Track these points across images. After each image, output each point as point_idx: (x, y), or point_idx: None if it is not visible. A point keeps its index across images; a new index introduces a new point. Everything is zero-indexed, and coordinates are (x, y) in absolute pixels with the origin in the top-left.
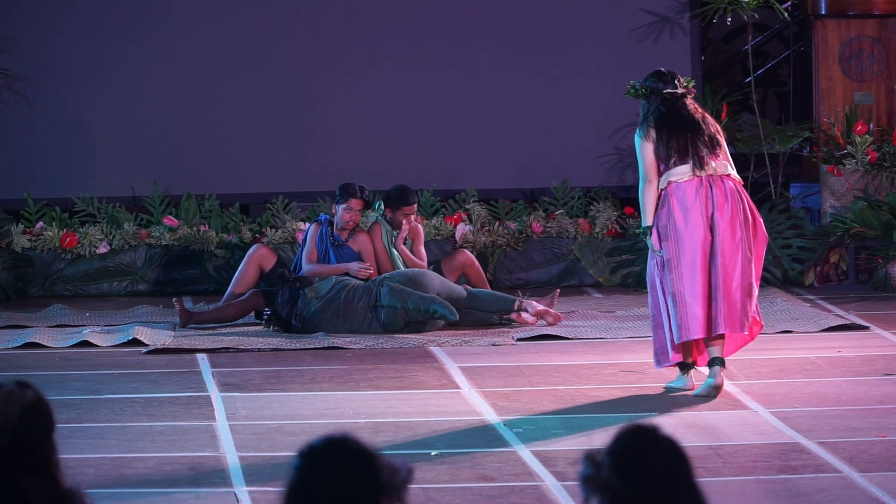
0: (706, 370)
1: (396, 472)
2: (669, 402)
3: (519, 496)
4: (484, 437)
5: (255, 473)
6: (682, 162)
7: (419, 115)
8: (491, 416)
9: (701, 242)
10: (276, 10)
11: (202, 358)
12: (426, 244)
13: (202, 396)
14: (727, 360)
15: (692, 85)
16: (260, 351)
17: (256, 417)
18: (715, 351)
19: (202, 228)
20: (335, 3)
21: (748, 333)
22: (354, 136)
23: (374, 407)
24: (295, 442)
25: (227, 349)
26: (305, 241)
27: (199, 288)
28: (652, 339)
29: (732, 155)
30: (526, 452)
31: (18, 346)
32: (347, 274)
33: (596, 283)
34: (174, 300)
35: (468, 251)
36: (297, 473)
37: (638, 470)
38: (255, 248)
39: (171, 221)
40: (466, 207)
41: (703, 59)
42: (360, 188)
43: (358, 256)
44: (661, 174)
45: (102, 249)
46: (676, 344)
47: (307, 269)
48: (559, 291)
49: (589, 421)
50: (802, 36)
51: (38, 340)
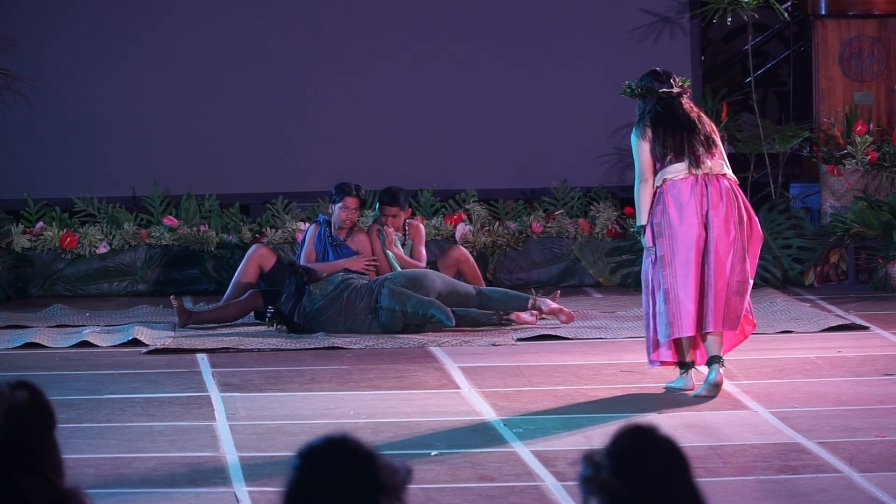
0: (706, 369)
1: (396, 472)
2: (669, 402)
3: (519, 496)
4: (484, 437)
5: (255, 473)
6: (678, 160)
7: (419, 114)
8: (491, 416)
9: (695, 240)
10: (276, 10)
11: (202, 358)
12: (427, 244)
13: (202, 396)
14: (724, 358)
15: (688, 84)
16: (260, 351)
17: (256, 417)
18: (713, 349)
19: (202, 228)
20: (335, 3)
21: (739, 332)
22: (354, 136)
23: (374, 407)
24: (295, 442)
25: (227, 349)
26: (304, 241)
27: (198, 288)
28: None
29: (732, 155)
30: (526, 452)
31: (18, 346)
32: (349, 271)
33: (596, 283)
34: (172, 298)
35: (462, 247)
36: (296, 473)
37: (637, 470)
38: (254, 247)
39: (171, 221)
40: (466, 207)
41: (703, 59)
42: (355, 187)
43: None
44: (657, 173)
45: (102, 249)
46: (663, 342)
47: None
48: (560, 292)
49: (589, 421)
50: (802, 36)
51: (38, 340)
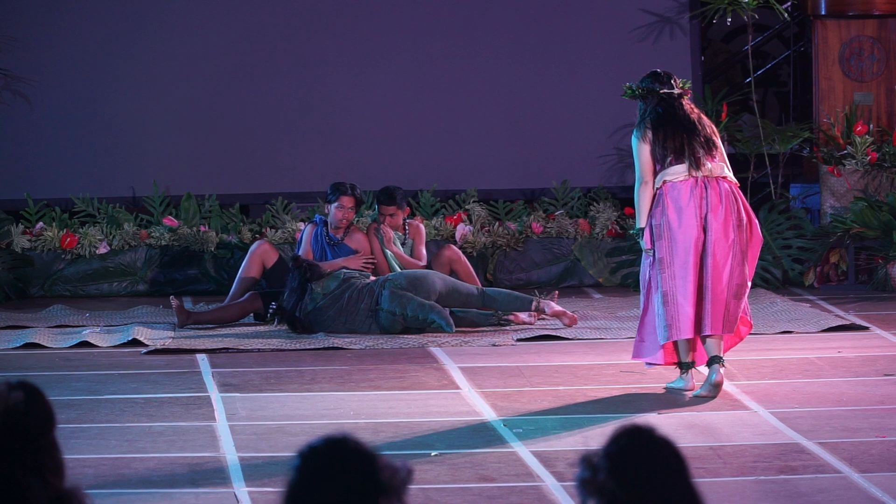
0: (706, 369)
1: (396, 472)
2: (669, 402)
3: (519, 496)
4: (484, 437)
5: (255, 473)
6: (678, 162)
7: (419, 115)
8: (491, 416)
9: (694, 242)
10: (276, 10)
11: (202, 358)
12: (426, 244)
13: (202, 397)
14: (724, 358)
15: (688, 86)
16: (260, 351)
17: (256, 417)
18: (714, 349)
19: (202, 229)
20: (335, 3)
21: (735, 334)
22: (354, 136)
23: (374, 407)
24: (295, 442)
25: (226, 349)
26: (301, 241)
27: (198, 288)
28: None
29: (732, 155)
30: (526, 452)
31: (18, 346)
32: (350, 270)
33: (596, 283)
34: (171, 298)
35: (454, 247)
36: (297, 474)
37: (634, 472)
38: (257, 244)
39: (170, 222)
40: (466, 207)
41: (703, 59)
42: (350, 186)
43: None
44: (657, 174)
45: (102, 250)
46: (661, 344)
47: None
48: (557, 293)
49: (589, 421)
50: (802, 36)
51: (38, 341)
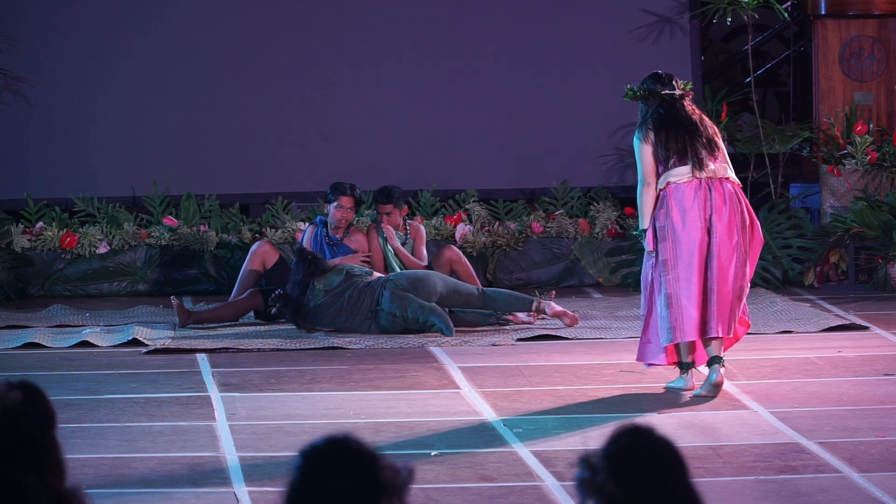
0: (706, 369)
1: (397, 472)
2: (669, 402)
3: (519, 496)
4: (484, 437)
5: (255, 473)
6: (681, 163)
7: (419, 114)
8: (491, 416)
9: (698, 244)
10: (276, 9)
11: (202, 358)
12: (426, 244)
13: (202, 396)
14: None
15: (689, 87)
16: (260, 351)
17: (256, 417)
18: (714, 349)
19: (202, 228)
20: (335, 3)
21: (733, 335)
22: (354, 136)
23: (374, 407)
24: (295, 442)
25: (227, 349)
26: (302, 242)
27: (198, 288)
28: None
29: (732, 155)
30: (526, 452)
31: (18, 346)
32: (354, 268)
33: (596, 283)
34: (172, 298)
35: (454, 247)
36: (298, 473)
37: (633, 473)
38: (257, 244)
39: (170, 221)
40: (466, 207)
41: (703, 59)
42: (349, 186)
43: None
44: (659, 176)
45: (102, 249)
46: (664, 346)
47: None
48: (555, 293)
49: (589, 421)
50: (802, 36)
51: (38, 340)
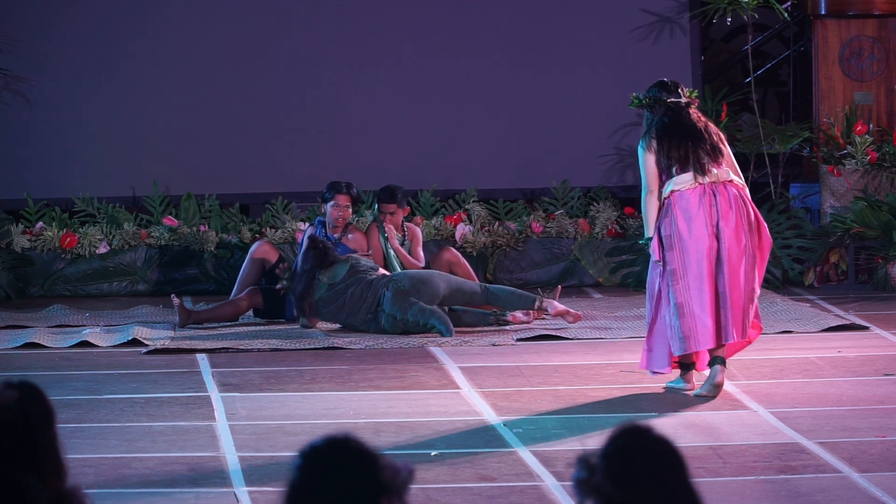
0: (706, 372)
1: (398, 472)
2: (669, 402)
3: (519, 496)
4: (484, 437)
5: (255, 473)
6: (683, 170)
7: (419, 114)
8: (491, 416)
9: (706, 251)
10: (276, 9)
11: (202, 358)
12: (425, 244)
13: (202, 396)
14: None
15: (695, 95)
16: (260, 351)
17: (256, 417)
18: (717, 351)
19: (202, 228)
20: (335, 3)
21: (746, 339)
22: (354, 136)
23: (374, 407)
24: (295, 442)
25: (226, 349)
26: (302, 244)
27: (198, 288)
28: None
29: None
30: (526, 452)
31: (18, 346)
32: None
33: (596, 283)
34: (172, 296)
35: (453, 249)
36: (298, 473)
37: (631, 473)
38: (257, 244)
39: (170, 221)
40: (466, 207)
41: (703, 59)
42: (346, 184)
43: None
44: (663, 185)
45: (102, 249)
46: (677, 356)
47: None
48: (560, 288)
49: (589, 421)
50: (802, 36)
51: (37, 340)
